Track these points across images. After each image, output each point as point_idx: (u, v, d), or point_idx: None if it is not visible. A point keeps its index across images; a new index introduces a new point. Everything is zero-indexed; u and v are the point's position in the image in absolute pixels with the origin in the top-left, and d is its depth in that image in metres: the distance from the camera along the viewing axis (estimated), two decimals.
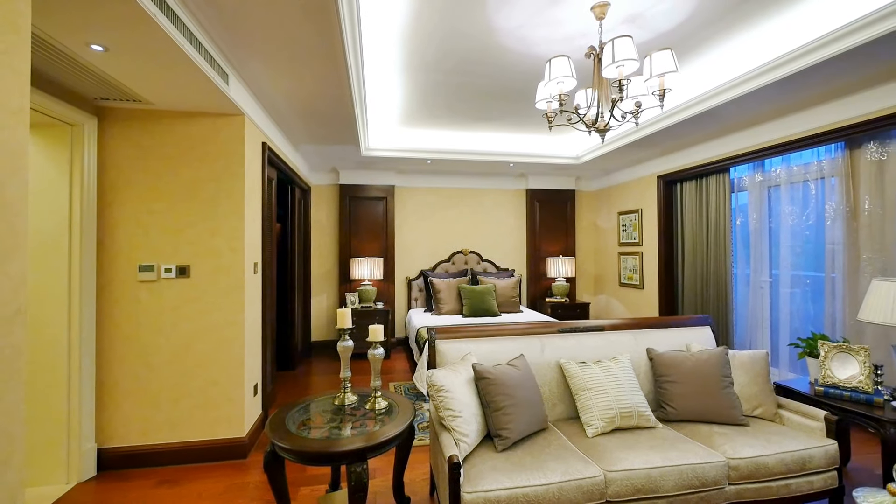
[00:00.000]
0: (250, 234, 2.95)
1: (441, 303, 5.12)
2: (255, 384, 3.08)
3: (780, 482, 1.93)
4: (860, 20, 2.20)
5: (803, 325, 3.61)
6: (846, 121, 3.04)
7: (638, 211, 5.39)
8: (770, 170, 3.88)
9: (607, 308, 6.14)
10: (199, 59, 2.09)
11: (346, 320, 2.06)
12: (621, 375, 2.21)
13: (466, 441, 1.81)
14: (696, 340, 2.58)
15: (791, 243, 3.69)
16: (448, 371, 2.01)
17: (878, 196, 3.01)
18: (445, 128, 4.60)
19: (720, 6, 2.37)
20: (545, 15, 2.44)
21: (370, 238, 5.68)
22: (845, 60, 2.46)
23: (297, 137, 4.12)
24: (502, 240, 6.21)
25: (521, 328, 2.47)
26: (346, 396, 2.07)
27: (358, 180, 5.65)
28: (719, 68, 3.05)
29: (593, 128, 2.48)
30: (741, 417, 2.17)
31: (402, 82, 3.40)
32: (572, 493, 1.69)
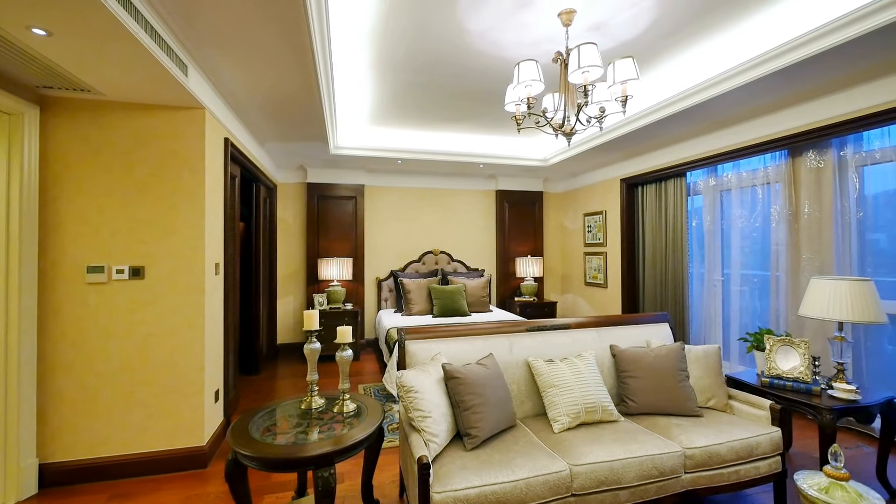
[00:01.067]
0: (211, 234, 2.83)
1: (411, 303, 5.10)
2: (217, 390, 2.95)
3: (730, 468, 2.05)
4: (798, 39, 2.39)
5: (751, 320, 3.86)
6: (788, 130, 3.28)
7: (602, 213, 5.58)
8: (722, 175, 4.12)
9: (574, 307, 6.32)
10: (155, 49, 1.98)
11: (312, 322, 2.01)
12: (586, 372, 2.28)
13: (436, 441, 1.82)
14: (655, 337, 2.70)
15: (741, 244, 3.94)
16: (418, 372, 2.00)
17: (816, 201, 3.27)
18: (416, 128, 4.59)
19: (678, 18, 2.49)
20: (514, 19, 2.49)
21: (339, 238, 5.58)
22: (787, 75, 2.65)
23: (263, 134, 3.98)
24: (473, 240, 6.26)
25: (490, 327, 2.50)
26: (313, 400, 2.02)
27: (327, 179, 5.54)
28: (678, 77, 3.21)
29: (560, 131, 2.55)
30: (696, 409, 2.29)
31: (373, 80, 3.36)
32: (539, 488, 1.73)
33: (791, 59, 2.48)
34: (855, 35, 2.18)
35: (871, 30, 2.12)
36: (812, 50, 2.37)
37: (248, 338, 4.54)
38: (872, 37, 2.19)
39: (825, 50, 2.33)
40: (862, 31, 2.15)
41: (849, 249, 3.09)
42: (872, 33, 2.15)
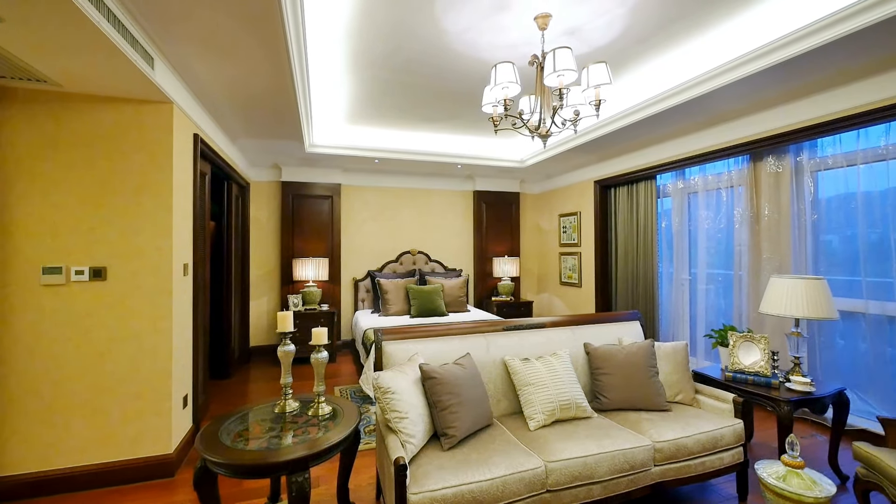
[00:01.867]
0: (180, 233, 2.73)
1: (389, 304, 5.07)
2: (185, 395, 2.85)
3: (697, 460, 2.13)
4: (758, 50, 2.51)
5: (717, 317, 4.03)
6: (749, 136, 3.45)
7: (577, 213, 5.70)
8: (690, 178, 4.29)
9: (549, 306, 6.43)
10: (118, 38, 1.89)
11: (286, 324, 1.97)
12: (561, 370, 2.32)
13: (413, 442, 1.81)
14: (627, 334, 2.78)
15: (707, 245, 4.11)
16: (395, 372, 1.99)
17: (775, 203, 3.45)
18: (394, 127, 4.56)
19: (648, 27, 2.58)
20: (491, 21, 2.51)
21: (315, 238, 5.48)
22: (749, 84, 2.79)
23: (235, 130, 3.87)
24: (450, 240, 6.28)
25: (467, 327, 2.52)
26: (287, 403, 1.98)
27: (302, 177, 5.43)
28: (648, 83, 3.31)
29: (536, 133, 2.59)
30: (665, 403, 2.38)
31: (350, 78, 3.32)
32: (515, 485, 1.76)
33: (752, 69, 2.61)
34: (810, 48, 2.31)
35: (824, 43, 2.25)
36: (770, 61, 2.50)
37: (219, 341, 4.40)
38: (825, 50, 2.32)
39: (783, 61, 2.46)
40: (816, 45, 2.28)
41: (804, 250, 3.27)
42: (824, 47, 2.28)
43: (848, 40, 2.22)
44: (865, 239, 2.95)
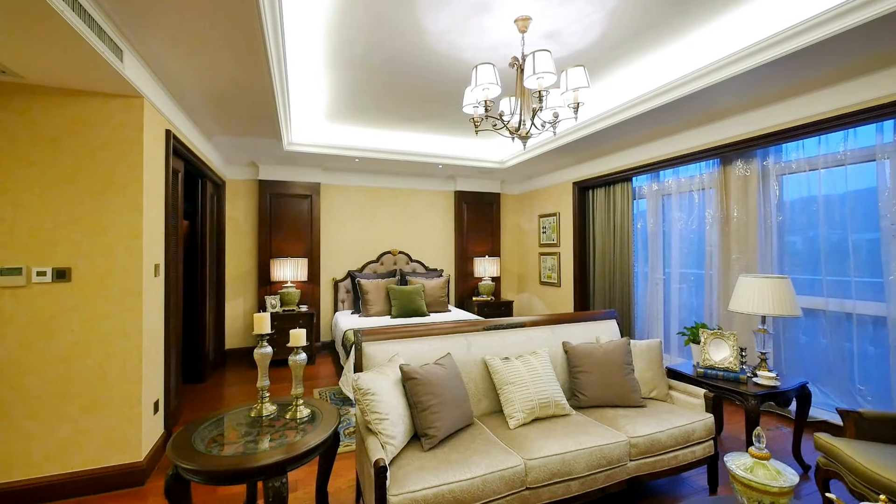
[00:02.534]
0: (151, 232, 2.63)
1: (369, 304, 5.03)
2: (157, 401, 2.75)
3: (670, 454, 2.20)
4: (727, 58, 2.60)
5: (689, 315, 4.17)
6: (720, 141, 3.58)
7: (556, 214, 5.79)
8: (664, 180, 4.42)
9: (529, 305, 6.51)
10: (84, 29, 1.81)
11: (263, 325, 1.93)
12: (540, 368, 2.35)
13: (393, 443, 1.80)
14: (604, 333, 2.85)
15: (680, 245, 4.24)
16: (375, 374, 1.98)
17: (744, 205, 3.59)
18: (374, 126, 4.53)
19: (623, 33, 2.64)
20: (472, 22, 2.52)
21: (293, 238, 5.39)
22: (718, 90, 2.89)
23: (210, 127, 3.76)
24: (431, 240, 6.27)
25: (448, 327, 2.52)
26: (264, 407, 1.94)
27: (280, 176, 5.32)
28: (625, 87, 3.39)
29: (516, 134, 2.62)
30: (640, 400, 2.44)
31: (329, 76, 3.27)
32: (495, 483, 1.77)
33: (720, 77, 2.71)
34: (773, 58, 2.41)
35: (787, 54, 2.36)
36: (738, 69, 2.60)
37: (193, 344, 4.27)
38: (788, 61, 2.43)
39: (749, 69, 2.56)
40: (779, 55, 2.38)
41: (770, 250, 3.42)
42: (787, 57, 2.39)
43: (808, 52, 2.33)
44: (826, 240, 3.11)
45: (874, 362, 2.90)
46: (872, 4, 2.01)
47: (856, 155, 2.92)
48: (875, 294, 2.86)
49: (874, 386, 2.89)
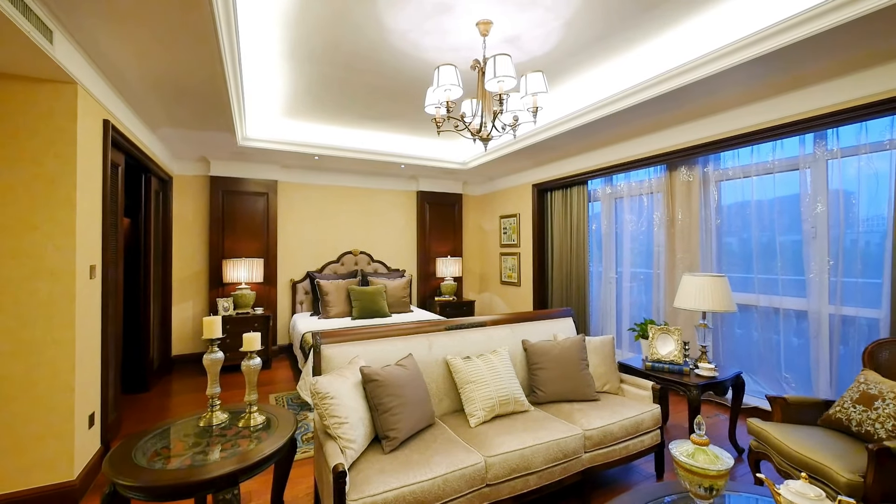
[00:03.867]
0: (85, 230, 2.42)
1: (329, 305, 4.91)
2: (92, 413, 2.53)
3: (621, 444, 2.32)
4: (673, 70, 2.78)
5: (639, 312, 4.41)
6: (666, 148, 3.82)
7: (516, 215, 5.93)
8: (616, 184, 4.64)
9: (491, 304, 6.62)
10: (5, 5, 1.64)
11: (213, 329, 1.83)
12: (500, 367, 2.40)
13: (353, 447, 1.77)
14: (561, 330, 2.95)
15: (631, 246, 4.48)
16: (334, 377, 1.94)
17: (687, 209, 3.85)
18: (335, 123, 4.42)
19: (580, 41, 2.75)
20: (434, 22, 2.53)
21: (248, 237, 5.15)
22: (663, 101, 3.08)
23: (156, 118, 3.52)
24: (394, 240, 6.22)
25: (410, 328, 2.51)
26: (215, 415, 1.84)
27: (234, 172, 5.07)
28: (580, 94, 3.53)
29: (477, 136, 2.65)
30: (594, 394, 2.55)
31: (288, 70, 3.16)
32: (456, 482, 1.79)
33: (665, 89, 2.89)
34: (712, 73, 2.60)
35: (724, 70, 2.55)
36: (680, 82, 2.79)
37: (136, 351, 3.98)
38: (724, 75, 2.64)
39: (691, 83, 2.75)
40: (718, 70, 2.57)
41: (710, 250, 3.69)
42: (724, 73, 2.59)
43: (741, 69, 2.53)
44: (757, 241, 3.40)
45: (797, 352, 3.20)
46: (788, 32, 2.22)
47: (782, 164, 3.22)
48: (798, 290, 3.16)
49: (798, 374, 3.19)
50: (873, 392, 2.02)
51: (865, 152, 2.77)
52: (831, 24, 2.08)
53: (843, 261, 2.90)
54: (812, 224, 3.04)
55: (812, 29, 2.15)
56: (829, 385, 2.94)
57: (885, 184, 2.70)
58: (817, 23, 2.13)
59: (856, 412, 2.03)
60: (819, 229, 3.00)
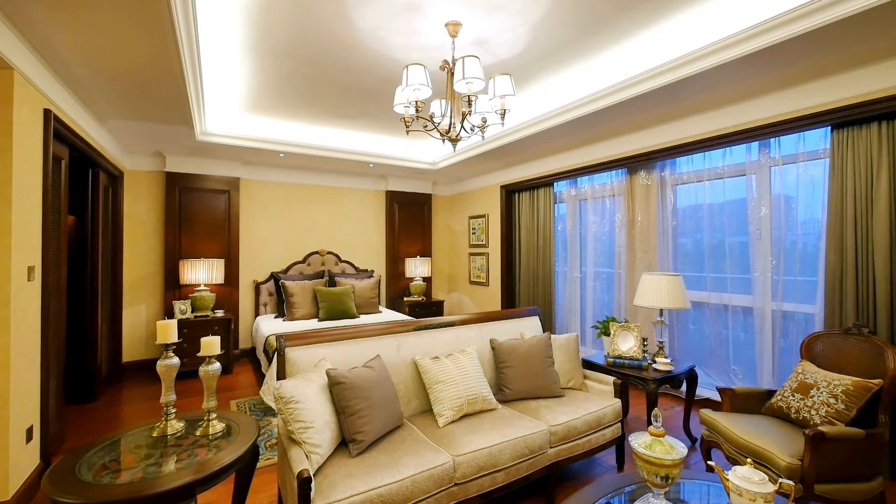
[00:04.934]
0: (22, 229, 2.23)
1: (294, 307, 4.77)
2: (30, 427, 2.34)
3: (585, 438, 2.39)
4: (637, 77, 2.91)
5: (602, 310, 4.57)
6: (626, 153, 3.98)
7: (485, 216, 6.00)
8: (581, 187, 4.79)
9: (459, 304, 6.66)
10: None
11: (168, 334, 1.74)
12: (469, 366, 2.42)
13: (319, 452, 1.73)
14: (528, 329, 3.01)
15: (594, 246, 4.64)
16: (299, 380, 1.89)
17: (646, 211, 4.03)
18: (301, 120, 4.31)
19: (547, 47, 2.81)
20: (403, 21, 2.51)
21: (208, 237, 4.93)
22: (623, 108, 3.21)
23: (105, 110, 3.29)
24: (362, 240, 6.13)
25: (378, 329, 2.49)
26: (170, 424, 1.75)
27: (192, 169, 4.83)
28: (548, 97, 3.62)
29: (446, 137, 2.66)
30: (559, 390, 2.63)
31: (252, 64, 3.05)
32: (424, 483, 1.78)
33: (626, 95, 3.02)
34: (669, 82, 2.74)
35: (680, 79, 2.70)
36: (640, 90, 2.92)
37: (81, 358, 3.71)
38: (680, 85, 2.78)
39: (649, 91, 2.88)
40: (674, 79, 2.71)
41: (667, 251, 3.88)
42: (680, 82, 2.74)
43: (696, 79, 2.69)
44: (709, 242, 3.61)
45: (744, 346, 3.43)
46: (737, 46, 2.38)
47: (731, 170, 3.43)
48: (745, 288, 3.38)
49: (745, 366, 3.42)
50: (809, 381, 2.19)
51: (803, 160, 3.01)
52: (773, 41, 2.25)
53: (783, 260, 3.13)
54: (757, 226, 3.26)
55: (755, 45, 2.31)
56: (772, 376, 3.17)
57: (819, 189, 2.94)
58: (761, 39, 2.29)
59: (794, 400, 2.19)
60: (763, 231, 3.22)
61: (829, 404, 2.04)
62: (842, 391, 2.03)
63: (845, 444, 1.86)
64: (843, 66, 2.53)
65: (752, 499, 1.32)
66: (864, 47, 2.31)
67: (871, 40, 2.23)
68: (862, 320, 2.55)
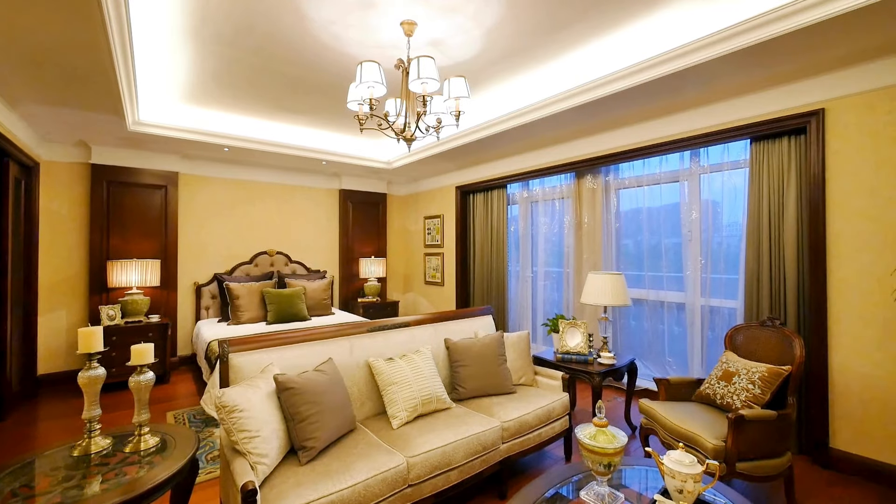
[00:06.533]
0: None
1: (240, 310, 4.52)
2: None
3: (535, 432, 2.48)
4: (584, 85, 3.06)
5: (552, 308, 4.75)
6: (574, 157, 4.18)
7: (440, 216, 6.03)
8: (532, 189, 4.96)
9: (415, 305, 6.64)
10: None
11: (93, 342, 1.59)
12: (423, 366, 2.42)
13: (265, 462, 1.66)
14: (482, 328, 3.07)
15: (545, 246, 4.81)
16: (244, 387, 1.79)
17: (592, 213, 4.24)
18: (249, 114, 4.09)
19: (501, 51, 2.88)
20: (358, 17, 2.46)
21: (142, 235, 4.54)
22: (571, 115, 3.37)
23: (17, 93, 2.93)
24: (314, 240, 5.94)
25: (330, 331, 2.42)
26: (94, 442, 1.59)
27: (123, 161, 4.43)
28: (502, 101, 3.71)
29: (401, 136, 2.64)
30: (511, 387, 2.70)
31: (192, 50, 2.85)
32: (377, 486, 1.76)
33: (573, 103, 3.18)
34: (619, 90, 2.91)
35: (625, 89, 2.87)
36: (585, 98, 3.08)
37: None
38: (629, 93, 2.97)
39: (596, 99, 3.05)
40: (623, 88, 2.89)
41: (611, 251, 4.11)
42: (621, 93, 2.92)
43: (642, 88, 2.87)
44: (647, 243, 3.87)
45: (678, 339, 3.71)
46: (668, 63, 2.58)
47: (667, 176, 3.70)
48: (678, 286, 3.66)
49: (678, 357, 3.70)
50: (732, 370, 2.41)
51: (727, 169, 3.31)
52: (699, 61, 2.47)
53: (711, 260, 3.43)
54: (689, 229, 3.54)
55: (684, 63, 2.53)
56: (701, 365, 3.46)
57: (741, 196, 3.25)
58: (688, 58, 2.50)
59: (720, 387, 2.41)
60: (694, 233, 3.51)
61: (748, 390, 2.26)
62: (759, 377, 2.26)
63: (761, 425, 2.07)
64: (761, 85, 2.81)
65: (683, 480, 1.43)
66: (777, 70, 2.59)
67: (780, 64, 2.51)
68: (775, 313, 2.86)
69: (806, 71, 2.60)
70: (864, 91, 2.51)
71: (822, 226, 2.65)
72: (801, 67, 2.56)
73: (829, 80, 2.61)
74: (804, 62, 2.49)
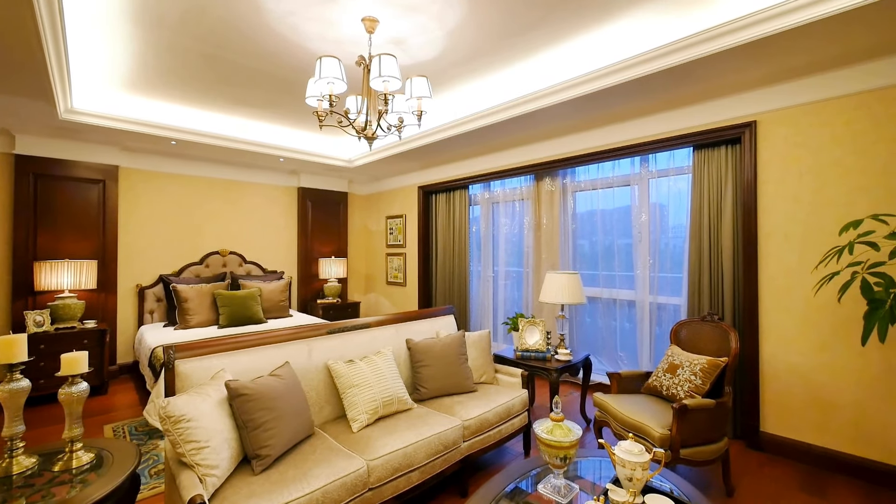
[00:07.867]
0: None
1: (189, 314, 4.27)
2: None
3: (495, 430, 2.52)
4: (543, 90, 3.15)
5: (512, 307, 4.86)
6: (534, 160, 4.30)
7: (403, 216, 5.99)
8: (494, 190, 5.04)
9: (377, 305, 6.56)
10: None
11: (13, 352, 1.44)
12: (384, 368, 2.40)
13: (215, 474, 1.57)
14: (443, 328, 3.08)
15: (505, 247, 4.91)
16: (192, 396, 1.70)
17: (550, 215, 4.38)
18: (200, 106, 3.86)
19: (463, 53, 2.90)
20: (317, 10, 2.39)
21: (76, 234, 4.17)
22: (531, 119, 3.46)
23: None
24: (271, 240, 5.71)
25: (287, 334, 2.34)
26: (16, 462, 1.45)
27: (54, 152, 4.04)
28: (463, 103, 3.74)
29: (362, 134, 2.60)
30: (473, 385, 2.73)
31: (134, 35, 2.64)
32: (336, 492, 1.72)
33: (531, 108, 3.27)
34: (576, 95, 3.03)
35: (582, 95, 2.99)
36: (545, 103, 3.18)
37: None
38: (587, 99, 3.09)
39: (553, 105, 3.15)
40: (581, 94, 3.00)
41: (568, 251, 4.27)
42: (581, 98, 3.04)
43: (599, 95, 3.00)
44: (602, 244, 4.05)
45: (629, 334, 3.91)
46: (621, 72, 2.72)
47: (619, 180, 3.89)
48: (629, 284, 3.86)
49: (629, 352, 3.90)
50: (677, 362, 2.58)
51: (673, 174, 3.53)
52: (644, 73, 2.62)
53: (658, 259, 3.64)
54: (638, 230, 3.74)
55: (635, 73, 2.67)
56: (650, 359, 3.67)
57: (685, 200, 3.47)
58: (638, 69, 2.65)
59: (665, 379, 2.57)
60: (643, 234, 3.71)
61: (690, 381, 2.42)
62: (700, 369, 2.43)
63: (702, 413, 2.22)
64: (701, 97, 3.03)
65: (632, 468, 1.51)
66: (713, 83, 2.79)
67: (714, 78, 2.71)
68: (714, 309, 3.08)
69: (741, 85, 2.83)
70: (790, 106, 2.76)
71: (753, 228, 2.89)
72: (736, 82, 2.78)
73: (761, 95, 2.85)
74: (734, 79, 2.72)
